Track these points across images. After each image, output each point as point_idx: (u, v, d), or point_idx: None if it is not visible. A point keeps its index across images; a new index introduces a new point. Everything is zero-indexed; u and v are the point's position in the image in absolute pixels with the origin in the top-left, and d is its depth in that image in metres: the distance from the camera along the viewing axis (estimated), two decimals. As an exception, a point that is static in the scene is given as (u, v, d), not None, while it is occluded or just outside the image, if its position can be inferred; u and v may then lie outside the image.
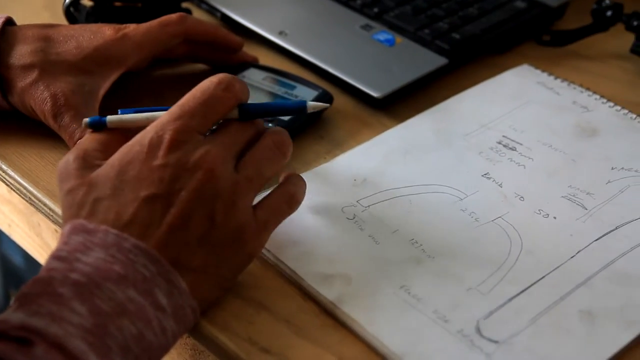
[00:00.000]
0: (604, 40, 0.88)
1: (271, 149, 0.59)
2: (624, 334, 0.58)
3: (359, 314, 0.58)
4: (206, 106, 0.57)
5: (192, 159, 0.56)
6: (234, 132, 0.59)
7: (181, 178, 0.55)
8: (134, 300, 0.52)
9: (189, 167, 0.55)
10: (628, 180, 0.70)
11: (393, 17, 0.86)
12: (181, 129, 0.56)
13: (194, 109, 0.57)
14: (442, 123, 0.75)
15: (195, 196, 0.55)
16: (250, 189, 0.58)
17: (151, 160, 0.55)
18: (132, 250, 0.53)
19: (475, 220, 0.66)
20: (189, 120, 0.57)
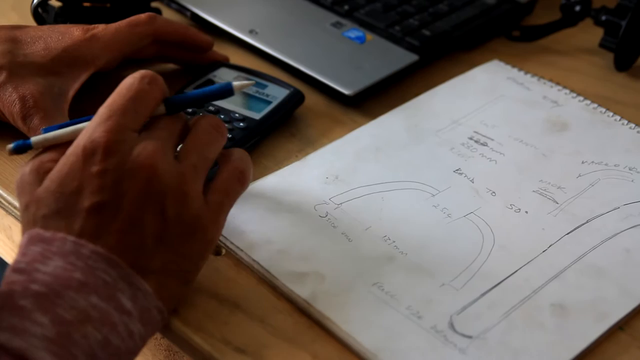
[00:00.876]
0: (573, 35, 0.89)
1: (208, 132, 0.58)
2: (596, 326, 0.58)
3: (333, 311, 0.58)
4: (135, 101, 0.56)
5: (131, 159, 0.54)
6: (166, 125, 0.58)
7: (123, 181, 0.54)
8: (96, 306, 0.51)
9: (129, 167, 0.54)
10: (598, 173, 0.70)
11: (363, 14, 0.86)
12: (114, 129, 0.55)
13: (123, 106, 0.56)
14: (414, 119, 0.76)
15: (141, 196, 0.54)
16: (197, 175, 0.56)
17: (89, 167, 0.54)
18: (91, 257, 0.52)
19: (448, 216, 0.66)
20: (121, 119, 0.55)
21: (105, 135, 0.54)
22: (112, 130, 0.54)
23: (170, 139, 0.57)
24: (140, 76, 0.57)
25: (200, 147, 0.57)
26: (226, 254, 0.63)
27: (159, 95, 0.58)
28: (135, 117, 0.56)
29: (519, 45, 0.88)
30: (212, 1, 0.87)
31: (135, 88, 0.56)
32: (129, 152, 0.54)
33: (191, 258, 0.57)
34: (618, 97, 0.81)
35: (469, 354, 0.56)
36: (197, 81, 0.76)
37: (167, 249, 0.55)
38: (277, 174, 0.69)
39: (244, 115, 0.73)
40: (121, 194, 0.54)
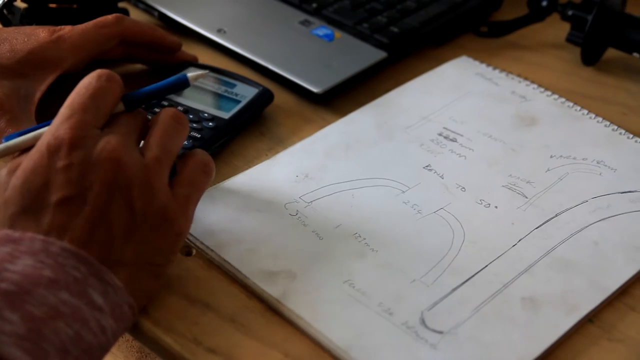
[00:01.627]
0: (540, 30, 0.89)
1: (170, 124, 0.59)
2: (566, 319, 0.58)
3: (304, 309, 0.58)
4: (95, 99, 0.56)
5: (95, 152, 0.55)
6: (127, 121, 0.58)
7: (89, 174, 0.54)
8: (67, 302, 0.51)
9: (94, 161, 0.54)
10: (567, 167, 0.71)
11: (332, 12, 0.86)
12: (77, 126, 0.55)
13: (84, 104, 0.56)
14: (383, 116, 0.76)
15: (107, 189, 0.54)
16: (161, 168, 0.57)
17: (54, 163, 0.54)
18: (61, 254, 0.52)
19: (418, 212, 0.66)
20: (82, 116, 0.55)
21: (69, 132, 0.55)
22: (76, 127, 0.55)
23: (131, 134, 0.58)
24: (97, 75, 0.58)
25: (163, 140, 0.58)
26: (196, 254, 0.63)
27: (117, 92, 0.58)
28: (97, 113, 0.56)
29: (487, 41, 0.88)
30: (179, 1, 0.86)
31: (93, 86, 0.57)
32: (93, 147, 0.55)
33: (161, 251, 0.57)
34: (585, 91, 0.81)
35: (440, 350, 0.56)
36: (166, 81, 0.76)
37: (137, 241, 0.55)
38: (247, 173, 0.69)
39: (213, 114, 0.72)
40: (87, 187, 0.54)
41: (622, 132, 0.74)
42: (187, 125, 0.60)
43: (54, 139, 0.55)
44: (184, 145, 0.69)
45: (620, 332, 0.59)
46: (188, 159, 0.60)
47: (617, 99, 0.81)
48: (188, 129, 0.60)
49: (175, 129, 0.59)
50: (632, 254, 0.63)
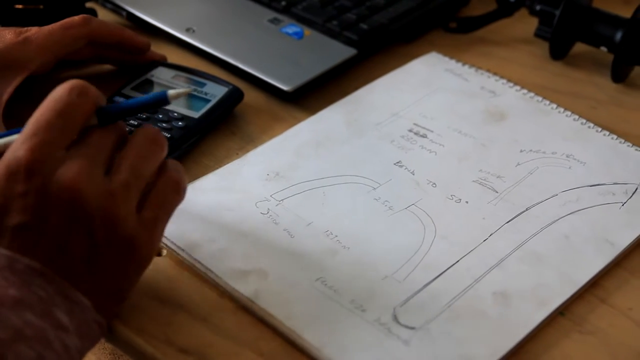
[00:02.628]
0: (509, 25, 0.89)
1: (145, 145, 0.55)
2: (537, 313, 0.59)
3: (276, 308, 0.58)
4: (63, 117, 0.52)
5: (54, 180, 0.51)
6: (97, 140, 0.54)
7: (47, 205, 0.51)
8: (31, 324, 0.49)
9: (52, 190, 0.51)
10: (536, 162, 0.71)
11: (301, 9, 0.86)
12: (36, 148, 0.51)
13: (49, 122, 0.52)
14: (353, 114, 0.76)
15: (66, 222, 0.52)
16: (129, 195, 0.53)
17: (13, 186, 0.51)
18: (26, 271, 0.50)
19: (389, 209, 0.66)
20: (45, 136, 0.51)
21: (27, 155, 0.51)
22: (35, 149, 0.51)
23: (99, 155, 0.53)
24: (69, 87, 0.53)
25: (134, 162, 0.54)
26: (167, 254, 0.63)
27: (89, 108, 0.53)
28: (62, 133, 0.52)
29: (456, 36, 0.89)
30: (148, 0, 0.86)
31: (63, 101, 0.53)
32: (52, 173, 0.51)
33: (126, 277, 0.55)
34: (554, 86, 0.82)
35: (413, 345, 0.56)
36: (135, 81, 0.76)
37: (99, 271, 0.53)
38: (218, 172, 0.69)
39: (183, 114, 0.72)
40: (44, 218, 0.51)
41: (591, 126, 0.75)
42: (165, 147, 0.56)
43: (13, 160, 0.51)
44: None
45: (591, 324, 0.60)
46: (159, 177, 0.56)
47: (585, 93, 0.81)
48: (166, 150, 0.56)
49: (151, 150, 0.55)
50: (602, 247, 0.63)
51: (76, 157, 0.52)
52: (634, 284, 0.63)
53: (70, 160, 0.52)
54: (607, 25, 0.81)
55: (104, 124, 0.55)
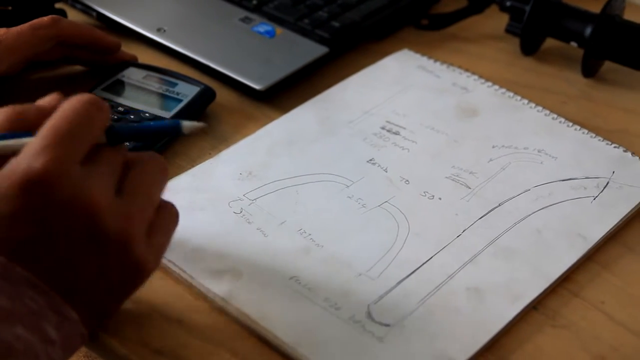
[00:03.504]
0: (480, 22, 0.90)
1: (157, 174, 0.55)
2: (510, 308, 0.59)
3: (250, 308, 0.58)
4: (82, 128, 0.51)
5: (73, 194, 0.49)
6: (110, 159, 0.53)
7: (60, 220, 0.49)
8: (21, 338, 0.48)
9: (71, 207, 0.49)
10: (509, 157, 0.71)
11: (272, 8, 0.86)
12: (57, 160, 0.49)
13: (70, 132, 0.50)
14: (326, 112, 0.76)
15: (77, 240, 0.50)
16: (144, 220, 0.53)
17: (26, 197, 0.49)
18: (21, 281, 0.49)
19: (363, 207, 0.66)
20: (66, 148, 0.50)
21: (47, 166, 0.49)
22: (56, 161, 0.49)
23: (113, 174, 0.52)
24: (88, 101, 0.52)
25: (149, 188, 0.54)
26: (141, 255, 0.63)
27: (104, 124, 0.53)
28: (81, 146, 0.51)
29: (428, 33, 0.89)
30: (118, 0, 0.86)
31: (83, 113, 0.51)
32: (70, 188, 0.49)
33: (122, 296, 0.55)
34: (526, 81, 0.82)
35: (387, 342, 0.56)
36: (106, 82, 0.75)
37: (98, 289, 0.52)
38: (190, 172, 0.69)
39: (154, 114, 0.72)
40: (54, 233, 0.50)
41: (562, 121, 0.75)
42: (167, 177, 0.56)
43: (30, 170, 0.49)
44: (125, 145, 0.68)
45: (564, 318, 0.60)
46: (163, 204, 0.56)
47: (556, 88, 0.82)
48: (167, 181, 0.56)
49: (161, 180, 0.55)
50: (574, 241, 0.64)
51: (95, 175, 0.51)
52: (606, 277, 0.63)
53: (89, 177, 0.51)
54: (577, 21, 0.82)
55: (112, 144, 0.54)
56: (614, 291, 0.62)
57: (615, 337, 0.59)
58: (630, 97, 0.81)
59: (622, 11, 0.83)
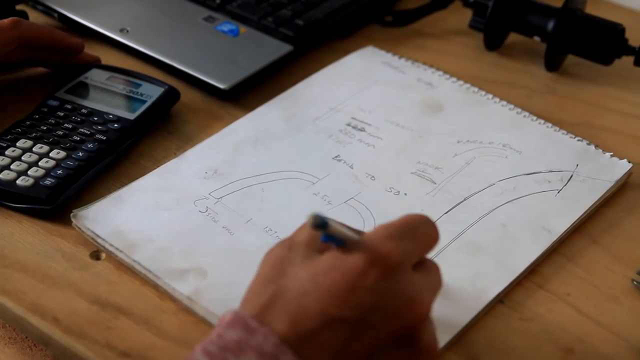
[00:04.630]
0: (444, 18, 0.90)
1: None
2: (476, 302, 0.59)
3: (217, 306, 0.58)
4: (424, 242, 0.52)
5: (404, 294, 0.49)
6: (435, 273, 0.53)
7: (381, 313, 0.48)
8: None
9: (398, 303, 0.49)
10: (473, 152, 0.72)
11: (236, 7, 0.86)
12: (403, 257, 0.49)
13: (414, 238, 0.51)
14: (291, 109, 0.76)
15: (388, 343, 0.49)
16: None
17: (356, 277, 0.48)
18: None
19: (328, 203, 0.66)
20: (412, 250, 0.51)
21: (394, 255, 0.49)
22: (401, 254, 0.49)
23: (434, 290, 0.52)
24: (432, 223, 0.53)
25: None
26: (106, 257, 0.62)
27: (434, 244, 0.54)
28: (419, 253, 0.52)
29: (392, 30, 0.89)
30: (80, 1, 0.85)
31: (433, 235, 0.53)
32: (404, 287, 0.49)
33: None
34: (490, 76, 0.83)
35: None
36: (69, 84, 0.75)
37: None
38: (156, 172, 0.68)
39: (118, 116, 0.71)
40: (370, 325, 0.48)
41: (526, 115, 0.76)
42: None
43: (373, 255, 0.48)
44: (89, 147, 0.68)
45: (531, 310, 0.60)
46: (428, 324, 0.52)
47: (520, 82, 0.82)
48: None
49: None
50: (539, 234, 0.64)
51: (425, 284, 0.51)
52: (571, 269, 0.64)
53: (424, 288, 0.51)
54: (540, 15, 0.82)
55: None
56: (579, 283, 0.63)
57: (582, 329, 0.59)
58: (593, 90, 0.82)
59: (583, 5, 0.83)
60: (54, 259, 0.62)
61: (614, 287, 0.62)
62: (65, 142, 0.68)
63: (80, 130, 0.70)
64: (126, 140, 0.70)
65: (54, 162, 0.67)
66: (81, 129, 0.70)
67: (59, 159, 0.67)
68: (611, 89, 0.82)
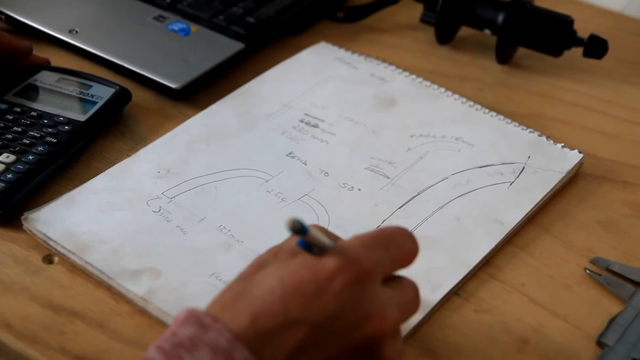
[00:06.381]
0: (395, 13, 0.90)
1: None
2: (431, 296, 0.59)
3: (171, 306, 0.57)
4: (399, 254, 0.52)
5: (369, 305, 0.48)
6: (410, 292, 0.52)
7: (343, 321, 0.48)
8: None
9: (360, 314, 0.48)
10: (426, 146, 0.72)
11: (186, 5, 0.85)
12: (373, 266, 0.49)
13: (387, 249, 0.51)
14: (244, 107, 0.75)
15: (347, 354, 0.49)
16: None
17: (324, 281, 0.48)
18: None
19: (282, 200, 0.66)
20: (382, 261, 0.50)
21: (364, 264, 0.49)
22: (372, 264, 0.49)
23: (400, 308, 0.51)
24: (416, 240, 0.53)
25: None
26: (59, 261, 0.62)
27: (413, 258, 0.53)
28: (392, 268, 0.52)
29: (345, 26, 0.89)
30: (27, 2, 0.84)
31: (410, 250, 0.52)
32: (369, 298, 0.49)
33: None
34: (442, 70, 0.83)
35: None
36: (18, 87, 0.74)
37: None
38: (108, 172, 0.68)
39: (69, 117, 0.71)
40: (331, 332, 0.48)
41: (479, 108, 0.76)
42: None
43: (345, 262, 0.48)
44: (40, 151, 0.67)
45: (486, 302, 0.61)
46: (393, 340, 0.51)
47: (472, 75, 0.83)
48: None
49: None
50: (492, 227, 0.65)
51: (395, 302, 0.50)
52: (526, 260, 0.64)
53: (391, 301, 0.50)
54: (489, 8, 0.83)
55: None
56: (533, 273, 0.63)
57: (536, 319, 0.60)
58: (544, 81, 0.82)
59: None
60: (6, 264, 0.61)
61: (567, 276, 0.63)
62: (15, 146, 0.67)
63: (30, 134, 0.69)
64: (77, 142, 0.70)
65: (3, 166, 0.66)
66: (31, 132, 0.69)
67: (8, 162, 0.66)
68: (561, 80, 0.83)
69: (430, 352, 0.57)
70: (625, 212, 0.69)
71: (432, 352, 0.57)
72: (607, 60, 0.82)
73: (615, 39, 0.84)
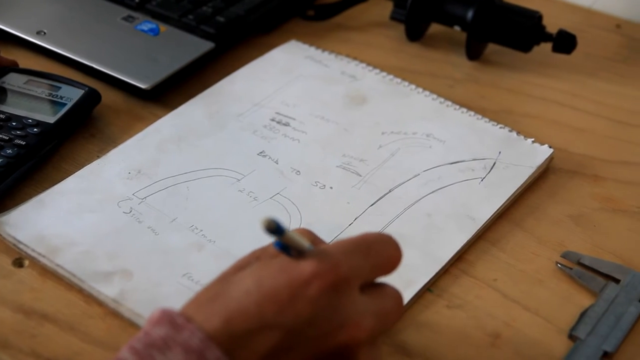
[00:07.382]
0: (366, 10, 0.90)
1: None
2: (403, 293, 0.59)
3: (143, 307, 0.57)
4: (379, 261, 0.51)
5: (344, 313, 0.48)
6: (390, 300, 0.52)
7: (317, 328, 0.48)
8: None
9: (335, 321, 0.48)
10: (398, 143, 0.72)
11: (155, 5, 0.85)
12: (351, 273, 0.49)
13: (367, 255, 0.50)
14: (215, 106, 0.75)
15: (322, 358, 0.48)
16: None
17: (299, 286, 0.47)
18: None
19: (254, 200, 0.66)
20: (363, 268, 0.50)
21: (342, 271, 0.48)
22: (350, 271, 0.49)
23: (386, 322, 0.51)
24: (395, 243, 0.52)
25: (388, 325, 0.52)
26: (30, 264, 0.61)
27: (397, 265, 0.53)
28: (372, 275, 0.51)
29: (315, 24, 0.89)
30: (-6, 4, 0.83)
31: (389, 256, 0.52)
32: (345, 306, 0.48)
33: None
34: (412, 67, 0.83)
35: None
36: (-15, 89, 0.73)
37: None
38: (78, 174, 0.67)
39: (37, 119, 0.70)
40: (305, 338, 0.48)
41: (449, 104, 0.76)
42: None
43: (324, 267, 0.48)
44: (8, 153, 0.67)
45: (459, 298, 0.61)
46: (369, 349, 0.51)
47: (442, 72, 0.83)
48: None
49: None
50: (463, 223, 0.65)
51: (372, 311, 0.50)
52: (497, 255, 0.64)
53: (368, 310, 0.49)
54: (459, 5, 0.83)
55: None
56: (505, 268, 0.63)
57: (508, 313, 0.60)
58: (514, 77, 0.83)
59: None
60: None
61: (539, 270, 0.63)
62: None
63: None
64: (47, 144, 0.69)
65: (-29, 169, 0.65)
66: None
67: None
68: (531, 75, 0.83)
69: (403, 349, 0.57)
70: (595, 206, 0.69)
71: (404, 349, 0.57)
72: (576, 55, 0.82)
73: (584, 34, 0.84)
